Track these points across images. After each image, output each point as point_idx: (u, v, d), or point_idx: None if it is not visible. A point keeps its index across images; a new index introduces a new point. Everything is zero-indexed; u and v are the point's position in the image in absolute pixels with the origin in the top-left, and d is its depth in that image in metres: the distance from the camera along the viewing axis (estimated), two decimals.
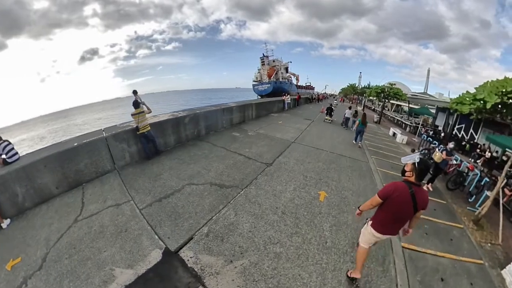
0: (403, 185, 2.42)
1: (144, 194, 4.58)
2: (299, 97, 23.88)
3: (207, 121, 9.08)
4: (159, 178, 5.27)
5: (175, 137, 7.59)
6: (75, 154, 4.83)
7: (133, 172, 5.58)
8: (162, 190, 4.75)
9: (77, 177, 4.91)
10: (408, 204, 2.39)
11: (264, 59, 69.46)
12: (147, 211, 4.04)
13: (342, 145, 9.68)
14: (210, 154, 7.03)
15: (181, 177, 5.35)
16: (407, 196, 2.37)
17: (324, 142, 9.55)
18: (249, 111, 12.37)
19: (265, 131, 10.12)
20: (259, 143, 8.38)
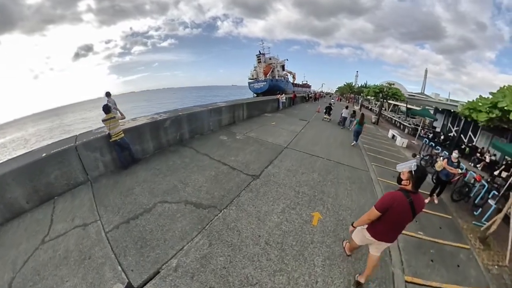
0: (400, 195, 2.35)
1: (113, 213, 4.01)
2: (295, 96, 23.02)
3: (191, 123, 8.21)
4: (131, 193, 4.60)
5: (155, 143, 6.77)
6: (44, 166, 4.39)
7: (106, 184, 4.97)
8: (132, 208, 4.12)
9: (48, 190, 4.49)
10: (407, 213, 2.33)
11: (261, 56, 68.67)
12: (113, 234, 3.53)
13: (339, 149, 8.89)
14: (190, 163, 6.19)
15: (154, 192, 4.64)
16: (405, 206, 2.30)
17: (320, 147, 8.74)
18: (239, 111, 11.52)
19: (255, 134, 9.27)
20: (247, 149, 7.53)
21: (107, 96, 7.67)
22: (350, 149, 9.33)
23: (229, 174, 5.67)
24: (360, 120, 9.73)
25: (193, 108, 9.10)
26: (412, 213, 2.34)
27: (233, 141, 8.32)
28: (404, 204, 2.31)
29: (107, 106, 5.44)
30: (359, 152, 9.19)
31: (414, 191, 2.36)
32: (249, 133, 9.46)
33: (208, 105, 9.80)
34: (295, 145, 8.42)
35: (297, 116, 15.85)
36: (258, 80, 63.89)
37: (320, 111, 20.56)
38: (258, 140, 8.53)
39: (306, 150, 8.01)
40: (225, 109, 10.20)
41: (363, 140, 11.67)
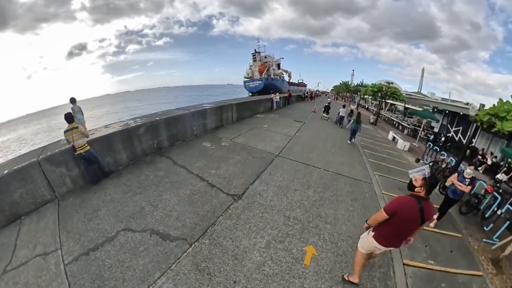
0: (411, 201, 2.29)
1: (74, 240, 3.50)
2: (290, 95, 22.01)
3: (171, 129, 7.22)
4: (95, 216, 3.98)
5: (128, 153, 5.91)
6: (7, 184, 4.00)
7: (73, 203, 4.40)
8: (94, 236, 3.55)
9: (13, 210, 4.14)
10: (416, 219, 2.28)
11: (256, 55, 67.80)
12: (71, 268, 3.06)
13: (338, 156, 7.92)
14: (164, 177, 5.25)
15: (119, 216, 3.95)
16: (416, 212, 2.25)
17: (317, 153, 7.75)
18: (228, 113, 10.47)
19: (244, 140, 8.25)
20: (232, 158, 6.53)
21: (72, 102, 6.63)
22: (350, 155, 8.39)
23: (206, 194, 4.70)
24: (356, 119, 9.93)
25: (173, 111, 8.03)
26: (421, 220, 2.29)
27: (218, 148, 7.30)
28: (415, 211, 2.25)
29: (69, 114, 4.73)
30: (360, 158, 8.24)
31: (426, 197, 2.30)
32: (236, 138, 8.43)
33: (191, 107, 8.75)
34: (288, 153, 7.42)
35: (291, 116, 14.85)
36: (254, 79, 63.08)
37: (316, 111, 19.65)
38: (246, 147, 7.52)
39: (300, 159, 7.03)
40: (211, 111, 9.15)
41: (364, 143, 10.77)
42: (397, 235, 2.49)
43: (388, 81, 19.15)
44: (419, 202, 2.25)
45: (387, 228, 2.49)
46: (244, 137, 8.55)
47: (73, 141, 4.54)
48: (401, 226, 2.39)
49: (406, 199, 2.33)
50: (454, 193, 4.88)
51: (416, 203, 2.25)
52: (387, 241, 2.55)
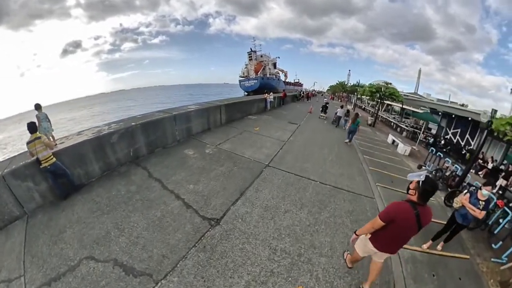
0: (407, 206, 2.21)
1: (38, 266, 3.06)
2: (285, 95, 21.13)
3: (149, 135, 6.39)
4: (60, 238, 3.47)
5: (101, 163, 5.21)
6: None
7: (41, 221, 3.92)
8: (57, 263, 3.08)
9: None
10: (413, 226, 2.21)
11: (252, 54, 67.01)
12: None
13: (337, 165, 7.08)
14: (136, 194, 4.46)
15: (83, 241, 3.42)
16: (412, 218, 2.18)
17: (312, 163, 6.89)
18: (216, 115, 9.60)
19: (231, 146, 7.38)
20: (215, 170, 5.66)
21: (36, 109, 5.82)
22: (350, 163, 7.59)
23: (179, 217, 3.89)
24: (353, 120, 9.92)
25: (152, 114, 7.14)
26: (418, 226, 2.21)
27: (200, 157, 6.43)
28: (410, 216, 2.18)
29: (32, 124, 4.23)
30: (360, 167, 7.44)
31: (420, 203, 2.20)
32: (223, 144, 7.56)
33: (173, 110, 7.84)
34: (280, 162, 6.56)
35: (286, 118, 13.99)
36: (249, 78, 62.29)
37: (312, 112, 18.88)
38: (232, 155, 6.65)
39: (294, 169, 6.17)
40: (196, 113, 8.27)
41: (363, 148, 10.01)
42: (394, 241, 2.44)
43: (386, 82, 18.45)
44: (415, 208, 2.18)
45: (383, 234, 2.42)
46: (231, 143, 7.68)
47: (37, 153, 4.04)
48: (399, 233, 2.34)
49: (401, 205, 2.27)
50: (464, 218, 3.94)
51: (412, 209, 2.18)
52: (384, 246, 2.50)
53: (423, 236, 4.16)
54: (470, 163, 7.37)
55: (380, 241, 2.50)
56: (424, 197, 2.20)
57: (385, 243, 2.48)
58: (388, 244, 2.48)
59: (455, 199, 4.29)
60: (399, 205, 2.29)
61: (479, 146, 7.21)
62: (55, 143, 4.87)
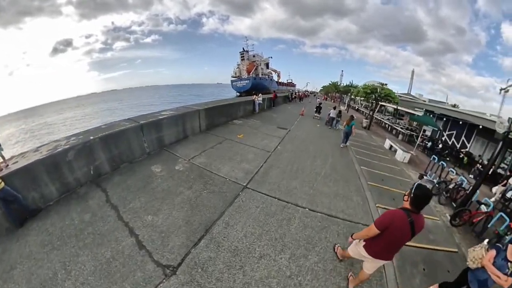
0: (401, 214, 2.22)
1: None
2: (275, 96, 19.89)
3: (111, 149, 5.31)
4: (10, 277, 2.82)
5: (58, 184, 4.35)
6: None
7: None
8: None
9: None
10: (406, 233, 2.22)
11: (244, 53, 65.96)
12: None
13: (331, 183, 5.97)
14: (89, 225, 3.56)
15: (31, 282, 2.76)
16: (406, 225, 2.18)
17: (301, 180, 5.77)
18: (194, 121, 8.42)
19: (206, 160, 6.20)
20: (181, 194, 4.52)
21: None
22: (346, 177, 6.52)
23: (130, 260, 2.97)
24: (347, 121, 9.87)
25: (115, 125, 5.94)
26: (412, 233, 2.21)
27: (167, 175, 5.27)
28: (404, 224, 2.18)
29: None
30: (358, 182, 6.39)
31: (413, 210, 2.20)
32: (198, 157, 6.38)
33: (141, 118, 6.63)
34: (261, 181, 5.42)
35: (275, 122, 12.85)
36: (241, 78, 61.23)
37: (304, 114, 17.84)
38: (205, 173, 5.49)
39: (278, 192, 5.04)
40: (168, 121, 7.09)
41: (360, 157, 8.99)
42: (388, 248, 2.43)
43: (381, 82, 17.58)
44: (409, 215, 2.17)
45: (378, 241, 2.40)
46: (207, 156, 6.51)
47: None
48: (393, 239, 2.32)
49: (396, 212, 2.28)
50: (481, 284, 2.67)
51: (406, 216, 2.17)
52: (378, 254, 2.48)
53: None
54: (480, 178, 6.39)
55: (374, 248, 2.48)
56: (415, 204, 2.18)
57: (379, 250, 2.46)
58: (382, 251, 2.46)
59: (471, 254, 2.85)
60: (394, 213, 2.29)
61: (492, 159, 6.26)
62: (6, 164, 4.07)
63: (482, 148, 15.93)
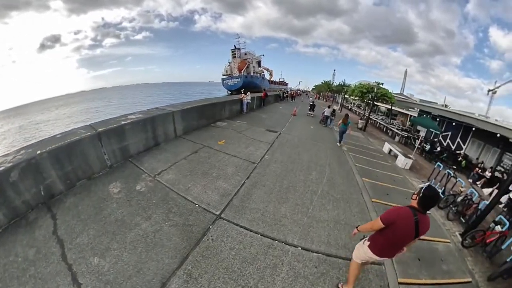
0: (407, 212, 2.20)
1: None
2: (266, 95, 18.49)
3: (64, 165, 4.22)
4: None
5: (4, 209, 3.42)
6: None
7: None
8: None
9: None
10: (411, 231, 2.19)
11: (236, 51, 64.63)
12: None
13: (329, 202, 4.87)
14: (31, 265, 2.74)
15: None
16: (411, 223, 2.16)
17: (293, 203, 4.60)
18: (167, 125, 7.13)
19: (174, 176, 4.95)
20: (136, 228, 3.34)
21: None
22: (346, 194, 5.42)
23: None
24: (344, 120, 10.10)
25: (72, 134, 4.67)
26: (416, 232, 2.18)
27: (125, 198, 4.05)
28: (410, 221, 2.15)
29: None
30: (361, 200, 5.33)
31: (420, 210, 2.18)
32: (166, 172, 5.13)
33: (100, 125, 5.34)
34: (240, 207, 4.21)
35: (265, 123, 11.64)
36: (232, 77, 59.97)
37: (297, 114, 16.77)
38: (170, 196, 4.25)
39: (261, 223, 3.86)
40: (134, 126, 5.81)
41: (360, 165, 7.94)
42: (392, 245, 2.40)
43: (377, 82, 16.67)
44: (415, 214, 2.15)
45: (382, 238, 2.40)
46: (177, 170, 5.26)
47: None
48: (397, 237, 2.29)
49: (403, 209, 2.25)
50: None
51: (412, 215, 2.16)
52: (382, 251, 2.47)
53: None
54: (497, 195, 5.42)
55: (378, 247, 2.46)
56: (423, 204, 2.16)
57: (383, 248, 2.44)
58: (386, 249, 2.44)
59: None
60: (400, 209, 2.26)
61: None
62: None
63: (478, 150, 15.35)
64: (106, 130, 5.07)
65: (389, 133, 18.54)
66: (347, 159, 8.40)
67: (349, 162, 8.05)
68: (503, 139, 12.41)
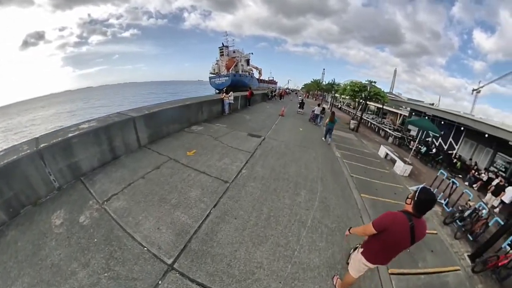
0: (402, 217, 2.07)
1: None
2: (251, 93, 17.07)
3: (3, 190, 3.32)
4: None
5: None
6: None
7: None
8: None
9: None
10: (406, 238, 2.06)
11: (224, 49, 63.13)
12: None
13: (321, 237, 3.84)
14: None
15: None
16: (406, 229, 2.02)
17: (273, 242, 3.50)
18: (128, 134, 5.86)
19: (125, 204, 3.79)
20: (71, 278, 2.34)
21: None
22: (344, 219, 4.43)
23: None
24: (331, 118, 10.43)
25: (9, 152, 3.59)
26: (411, 239, 2.05)
27: (65, 235, 3.00)
28: (404, 228, 2.02)
29: None
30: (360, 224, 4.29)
31: (415, 214, 2.04)
32: (116, 197, 3.95)
33: (46, 138, 4.12)
34: (201, 252, 3.08)
35: (248, 126, 10.43)
36: (220, 75, 58.51)
37: (285, 114, 15.71)
38: (116, 233, 3.11)
39: (226, 279, 2.77)
40: (84, 139, 4.64)
41: (357, 176, 6.96)
42: (386, 252, 2.27)
43: (369, 80, 15.86)
44: (410, 219, 2.01)
45: (376, 244, 2.28)
46: (130, 194, 4.07)
47: None
48: (391, 243, 2.16)
49: (397, 215, 2.09)
50: None
51: (407, 220, 2.02)
52: (376, 258, 2.36)
53: None
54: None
55: (372, 254, 2.34)
56: (418, 208, 2.02)
57: (376, 254, 2.33)
58: (380, 256, 2.33)
59: None
60: (394, 215, 2.11)
61: None
62: None
63: (471, 150, 14.89)
64: (50, 146, 3.97)
65: (382, 133, 17.82)
66: (342, 169, 7.40)
67: (344, 172, 7.05)
68: (497, 139, 11.89)
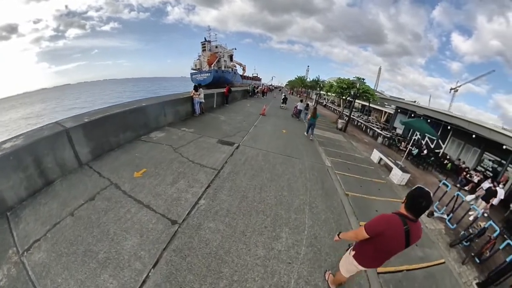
0: (396, 221, 1.93)
1: None
2: (229, 90, 15.30)
3: None
4: None
5: None
6: None
7: None
8: None
9: None
10: (400, 242, 1.95)
11: (206, 44, 60.71)
12: None
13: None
14: None
15: None
16: (400, 233, 1.90)
17: None
18: (60, 151, 4.23)
19: (45, 257, 2.25)
20: None
21: None
22: None
23: None
24: (313, 114, 10.59)
25: None
26: (406, 243, 1.94)
27: None
28: (399, 232, 1.90)
29: None
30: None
31: (409, 216, 1.90)
32: (38, 245, 2.43)
33: None
34: None
35: (221, 129, 8.83)
36: (202, 71, 56.22)
37: (266, 114, 14.29)
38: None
39: None
40: (1, 164, 3.06)
41: (353, 193, 5.64)
42: (379, 256, 2.16)
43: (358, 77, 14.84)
44: (405, 223, 1.88)
45: (369, 248, 2.16)
46: (52, 242, 2.55)
47: None
48: (384, 248, 2.06)
49: (391, 219, 1.95)
50: None
51: (401, 223, 1.89)
52: (369, 262, 2.26)
53: None
54: None
55: (365, 257, 2.24)
56: (413, 207, 1.88)
57: (370, 260, 2.22)
58: (373, 260, 2.22)
59: None
60: (388, 219, 1.97)
61: None
62: None
63: (458, 149, 14.54)
64: None
65: (370, 132, 16.97)
66: (335, 184, 6.03)
67: (337, 190, 5.68)
68: (486, 140, 11.62)
